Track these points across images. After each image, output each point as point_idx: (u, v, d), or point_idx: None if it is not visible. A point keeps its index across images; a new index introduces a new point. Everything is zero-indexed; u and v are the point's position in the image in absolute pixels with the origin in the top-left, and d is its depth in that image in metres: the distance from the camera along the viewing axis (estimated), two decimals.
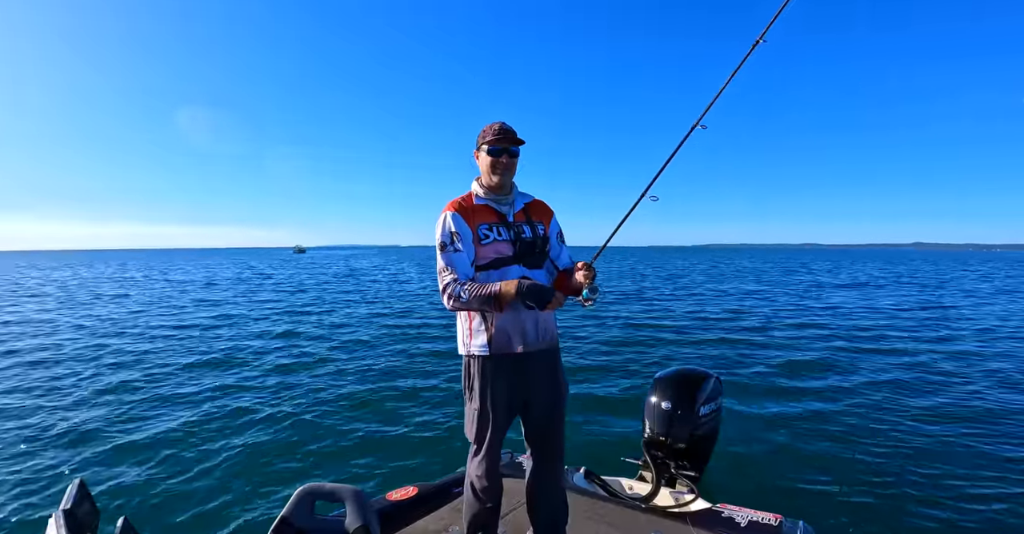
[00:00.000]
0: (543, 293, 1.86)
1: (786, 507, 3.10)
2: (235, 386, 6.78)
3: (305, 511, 1.41)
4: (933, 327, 11.92)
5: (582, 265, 2.00)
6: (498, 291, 1.86)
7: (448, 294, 1.91)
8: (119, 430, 5.16)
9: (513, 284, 1.87)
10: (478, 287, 1.88)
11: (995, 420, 5.53)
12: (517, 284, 1.86)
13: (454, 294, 1.90)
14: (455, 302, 1.91)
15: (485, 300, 1.87)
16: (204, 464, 4.37)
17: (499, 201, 2.07)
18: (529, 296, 1.85)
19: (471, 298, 1.87)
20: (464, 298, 1.88)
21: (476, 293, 1.87)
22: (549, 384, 2.09)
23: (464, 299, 1.88)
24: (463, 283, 1.91)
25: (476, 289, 1.88)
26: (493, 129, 2.01)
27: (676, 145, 2.18)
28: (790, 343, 9.80)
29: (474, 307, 1.91)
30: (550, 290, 1.88)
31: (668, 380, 3.36)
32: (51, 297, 18.71)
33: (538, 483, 2.19)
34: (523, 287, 1.85)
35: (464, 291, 1.88)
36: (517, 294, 1.85)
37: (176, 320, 12.77)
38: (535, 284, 1.88)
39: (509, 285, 1.87)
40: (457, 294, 1.89)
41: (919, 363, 8.26)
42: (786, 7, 2.12)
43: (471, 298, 1.87)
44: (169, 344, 9.63)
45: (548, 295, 1.87)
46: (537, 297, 1.86)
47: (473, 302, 1.88)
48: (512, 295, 1.85)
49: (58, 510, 1.13)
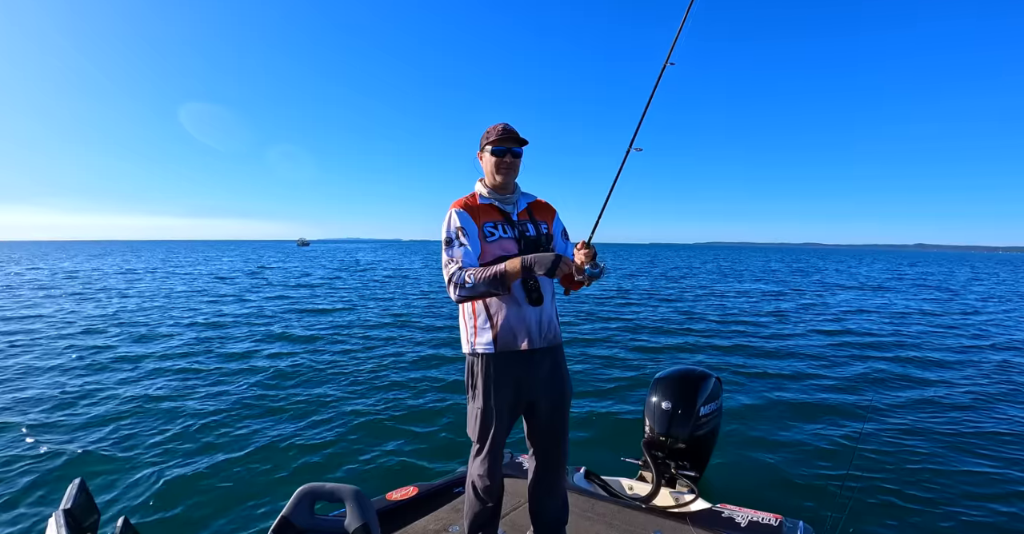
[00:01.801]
0: (549, 260, 1.84)
1: (786, 507, 3.10)
2: (235, 386, 6.77)
3: (305, 511, 1.41)
4: (941, 328, 11.92)
5: (581, 244, 2.01)
6: (503, 269, 1.86)
7: (454, 283, 1.91)
8: (119, 429, 5.16)
9: (517, 260, 1.87)
10: (482, 270, 1.89)
11: (996, 420, 5.53)
12: (521, 259, 1.87)
13: (459, 281, 1.89)
14: (461, 289, 1.90)
15: (491, 281, 1.86)
16: (204, 464, 4.37)
17: (503, 201, 2.08)
18: (537, 266, 1.85)
19: (477, 281, 1.87)
20: (470, 283, 1.87)
21: (482, 276, 1.87)
22: (554, 382, 2.09)
23: (470, 284, 1.87)
24: (467, 269, 1.91)
25: (480, 272, 1.88)
26: (496, 130, 2.03)
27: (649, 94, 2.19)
28: (790, 343, 9.80)
29: (481, 291, 1.89)
30: (556, 256, 1.86)
31: (668, 380, 3.37)
32: (59, 290, 18.70)
33: (540, 483, 2.19)
34: (528, 261, 1.86)
35: (469, 276, 1.88)
36: (524, 268, 1.85)
37: (175, 318, 12.77)
38: (540, 254, 1.88)
39: (514, 262, 1.87)
40: (462, 280, 1.89)
41: (920, 364, 8.27)
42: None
43: (477, 281, 1.87)
44: (169, 343, 9.62)
45: (556, 262, 1.84)
46: (544, 266, 1.84)
47: (480, 285, 1.87)
48: (518, 270, 1.86)
49: (58, 510, 1.13)
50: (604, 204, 2.19)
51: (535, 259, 1.86)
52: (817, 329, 11.46)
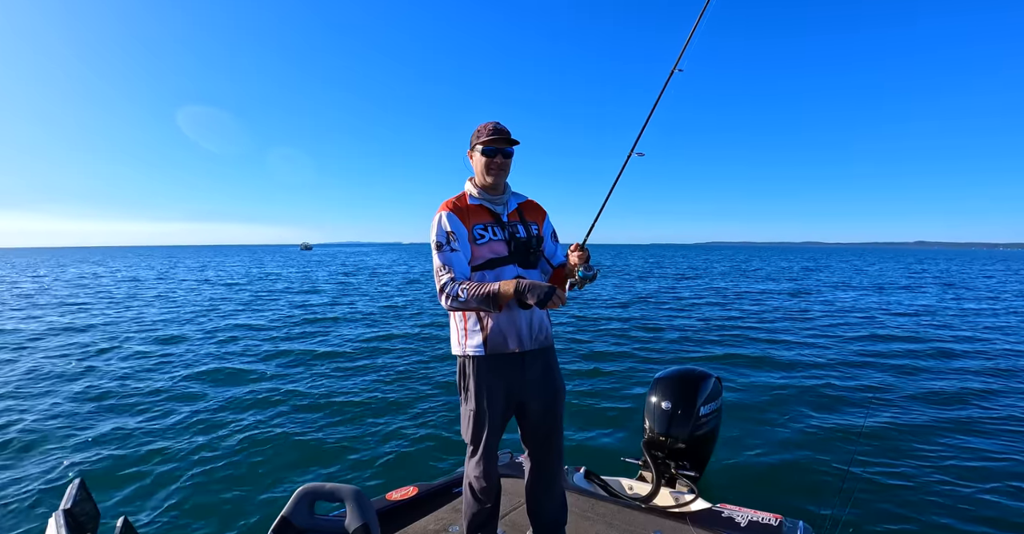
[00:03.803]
0: (543, 291, 1.82)
1: (786, 507, 3.10)
2: (234, 386, 6.78)
3: (305, 511, 1.41)
4: (932, 323, 11.91)
5: (575, 247, 2.00)
6: (496, 290, 1.84)
7: (446, 294, 1.90)
8: (119, 429, 5.16)
9: (511, 284, 1.85)
10: (476, 286, 1.87)
11: (997, 420, 5.52)
12: (516, 283, 1.85)
13: (452, 293, 1.89)
14: (453, 301, 1.90)
15: (483, 299, 1.85)
16: (204, 464, 4.37)
17: (493, 201, 2.06)
18: (529, 295, 1.82)
19: (470, 297, 1.86)
20: (463, 298, 1.87)
21: (475, 293, 1.86)
22: (545, 384, 2.08)
23: (463, 299, 1.87)
24: (461, 282, 1.89)
25: (474, 288, 1.86)
26: (487, 129, 1.99)
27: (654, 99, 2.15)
28: (791, 343, 9.80)
29: (472, 306, 1.89)
30: (550, 288, 1.83)
31: (668, 380, 3.36)
32: (94, 296, 18.72)
33: (537, 483, 2.19)
34: (522, 286, 1.83)
35: (462, 290, 1.87)
36: (516, 293, 1.83)
37: (176, 320, 12.77)
38: (534, 283, 1.85)
39: (508, 285, 1.85)
40: (455, 294, 1.88)
41: (921, 363, 8.26)
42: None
43: (470, 297, 1.86)
44: (168, 344, 9.63)
45: (548, 293, 1.82)
46: (537, 296, 1.82)
47: (472, 301, 1.87)
48: (510, 294, 1.84)
49: (58, 510, 1.13)
50: (602, 207, 2.16)
51: (529, 287, 1.83)
52: (817, 330, 11.45)
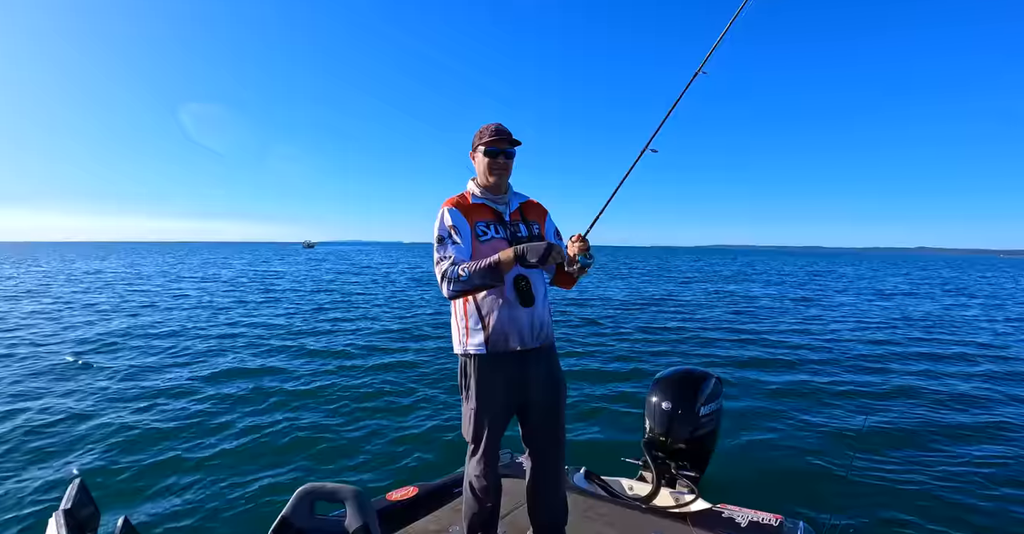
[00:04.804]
0: (542, 249, 1.85)
1: (786, 507, 3.10)
2: (235, 385, 6.77)
3: (305, 511, 1.41)
4: (934, 327, 11.91)
5: (576, 237, 2.02)
6: (497, 259, 1.87)
7: (447, 278, 1.90)
8: (120, 429, 5.15)
9: (510, 249, 1.88)
10: (475, 262, 1.89)
11: (997, 424, 5.52)
12: (514, 248, 1.88)
13: (452, 276, 1.89)
14: (455, 284, 1.89)
15: (485, 272, 1.86)
16: (204, 464, 4.37)
17: (495, 201, 2.08)
18: (530, 253, 1.85)
19: (471, 273, 1.87)
20: (464, 276, 1.87)
21: (475, 267, 1.87)
22: (547, 383, 2.08)
23: (464, 277, 1.87)
24: (459, 263, 1.90)
25: (473, 264, 1.88)
26: (490, 130, 2.02)
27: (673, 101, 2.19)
28: (791, 344, 9.80)
29: (475, 283, 1.88)
30: (548, 244, 1.86)
31: (668, 380, 3.36)
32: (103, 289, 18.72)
33: (538, 483, 2.18)
34: (521, 249, 1.87)
35: (463, 270, 1.88)
36: (517, 257, 1.86)
37: (176, 317, 12.77)
38: (532, 243, 1.89)
39: (507, 251, 1.88)
40: (455, 274, 1.88)
41: (922, 364, 8.26)
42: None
43: (471, 273, 1.87)
44: (169, 342, 9.62)
45: (547, 250, 1.85)
46: (537, 254, 1.85)
47: (475, 277, 1.87)
48: (511, 259, 1.86)
49: (58, 510, 1.13)
50: (609, 199, 2.18)
51: (527, 247, 1.86)
52: (818, 331, 11.45)
